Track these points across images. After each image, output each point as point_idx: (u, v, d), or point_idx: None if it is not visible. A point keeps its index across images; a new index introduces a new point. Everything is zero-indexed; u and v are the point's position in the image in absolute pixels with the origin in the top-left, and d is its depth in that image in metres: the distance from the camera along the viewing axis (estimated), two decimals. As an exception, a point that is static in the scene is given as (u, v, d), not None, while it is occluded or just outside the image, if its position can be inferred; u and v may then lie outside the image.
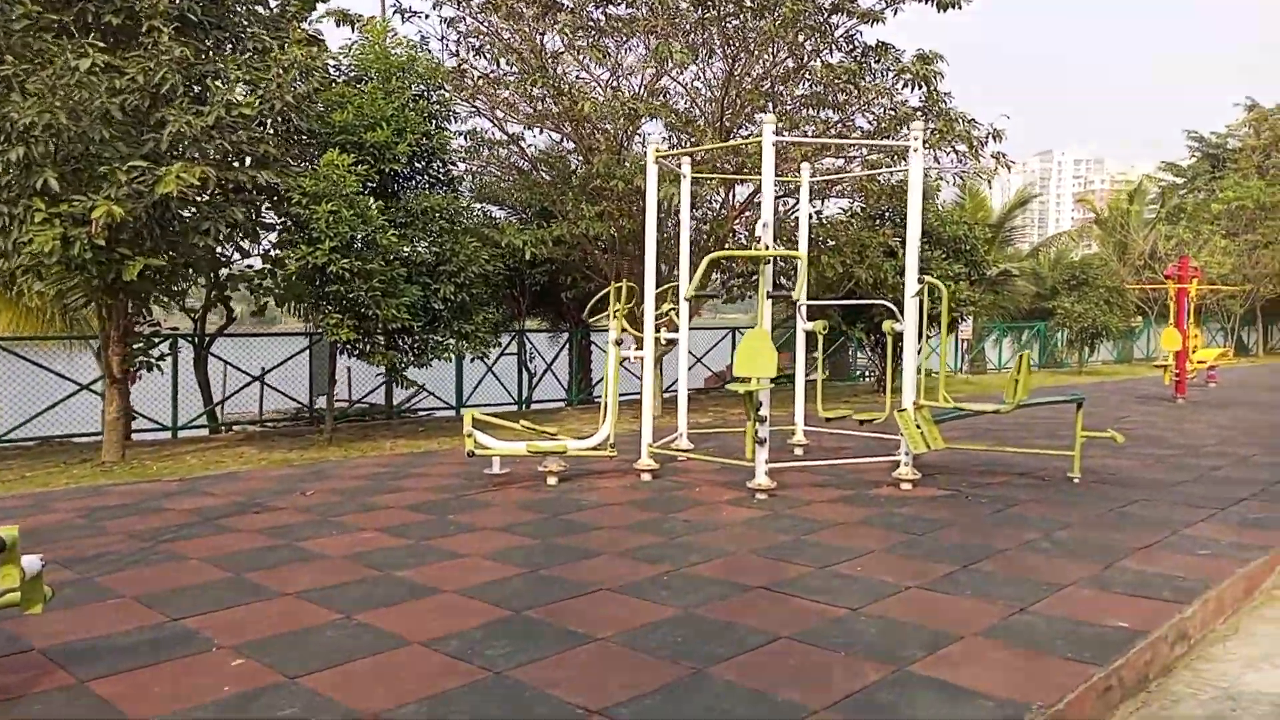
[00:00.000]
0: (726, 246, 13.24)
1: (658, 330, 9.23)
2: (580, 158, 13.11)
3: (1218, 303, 28.86)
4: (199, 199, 8.74)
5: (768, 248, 6.82)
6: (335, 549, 5.38)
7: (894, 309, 8.07)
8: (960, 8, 13.02)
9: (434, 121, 11.38)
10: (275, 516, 6.33)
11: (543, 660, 3.60)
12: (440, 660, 3.60)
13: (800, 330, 9.27)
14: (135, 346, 9.89)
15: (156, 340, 10.95)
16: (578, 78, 11.73)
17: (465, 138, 14.25)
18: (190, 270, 9.36)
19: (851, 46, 13.56)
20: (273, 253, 10.20)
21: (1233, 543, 5.49)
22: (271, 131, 9.29)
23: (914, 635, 3.91)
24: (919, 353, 19.64)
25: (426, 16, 12.07)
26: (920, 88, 12.37)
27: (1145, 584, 4.65)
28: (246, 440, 11.49)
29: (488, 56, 11.91)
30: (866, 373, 21.88)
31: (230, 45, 9.52)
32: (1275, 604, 4.90)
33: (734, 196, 13.92)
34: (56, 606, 4.23)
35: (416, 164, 11.27)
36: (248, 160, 9.27)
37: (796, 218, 14.94)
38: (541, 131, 13.42)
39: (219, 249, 10.22)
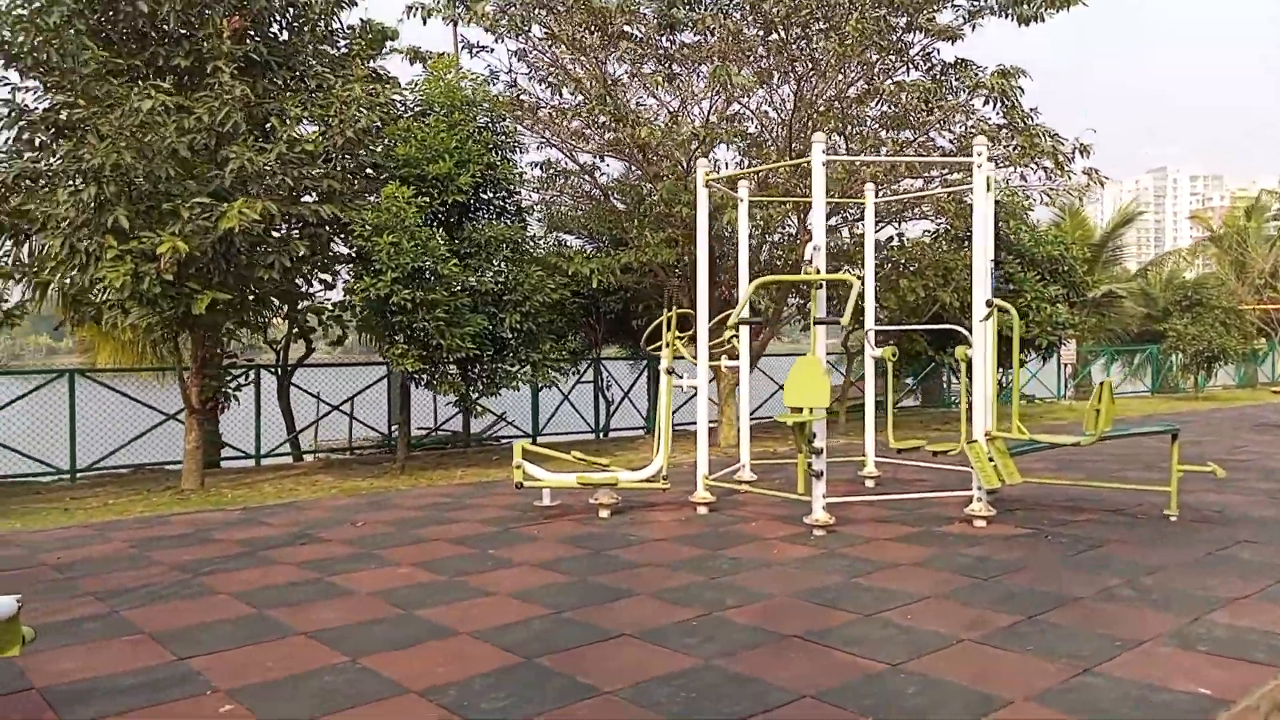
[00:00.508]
0: (805, 271, 12.86)
1: (717, 358, 8.97)
2: (649, 185, 12.99)
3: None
4: (266, 234, 8.94)
5: (819, 272, 6.49)
6: (366, 584, 5.26)
7: (966, 334, 7.59)
8: (1042, 20, 12.47)
9: (499, 153, 11.44)
10: (320, 549, 6.28)
11: (539, 716, 3.35)
12: (432, 713, 3.39)
13: (869, 357, 8.87)
14: (212, 378, 10.16)
15: (235, 372, 11.26)
16: (638, 105, 11.61)
17: (540, 168, 14.38)
18: (259, 304, 9.54)
19: (930, 65, 13.12)
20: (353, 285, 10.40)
21: (1349, 593, 4.85)
22: (336, 167, 9.45)
23: (956, 698, 3.51)
24: (1009, 380, 18.52)
25: (492, 50, 12.19)
26: (999, 103, 11.80)
27: (1237, 642, 4.11)
28: (326, 468, 11.67)
29: (553, 86, 11.91)
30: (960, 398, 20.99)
31: (299, 84, 9.78)
32: (1398, 667, 4.27)
33: (809, 220, 13.52)
34: (73, 642, 4.22)
35: (482, 195, 11.33)
36: (313, 195, 9.47)
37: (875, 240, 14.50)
38: (604, 160, 13.36)
39: (300, 282, 10.50)
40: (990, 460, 6.76)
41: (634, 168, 13.14)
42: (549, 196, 14.70)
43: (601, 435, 15.89)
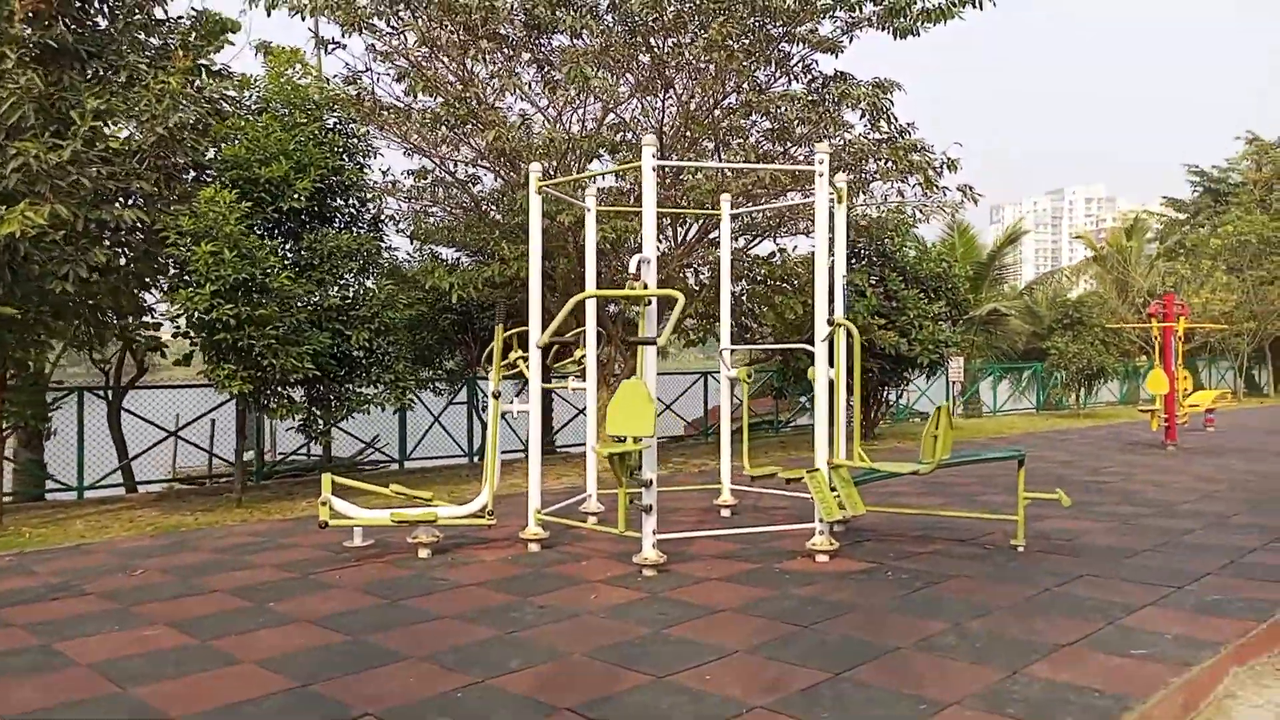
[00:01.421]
0: (630, 286, 12.38)
1: (565, 379, 8.43)
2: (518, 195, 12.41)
3: (1221, 341, 27.77)
4: (68, 241, 8.03)
5: (645, 286, 6.00)
6: (95, 653, 4.50)
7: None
8: (918, 35, 12.37)
9: (351, 157, 10.71)
10: (71, 605, 5.46)
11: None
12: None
13: (724, 378, 8.44)
14: (11, 402, 9.14)
15: (51, 395, 10.23)
16: (501, 108, 10.97)
17: (414, 177, 13.66)
18: (59, 319, 8.59)
19: (811, 77, 12.91)
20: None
21: (1179, 636, 4.54)
22: (151, 167, 8.60)
23: (716, 791, 2.99)
24: (898, 398, 18.13)
25: (345, 47, 11.44)
26: (871, 116, 11.62)
27: (1050, 702, 3.71)
28: (159, 501, 10.66)
29: (410, 85, 11.18)
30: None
31: (114, 76, 8.89)
32: (1222, 722, 3.94)
33: (685, 235, 13.13)
34: None
35: (331, 201, 10.55)
36: (137, 198, 8.61)
37: (753, 255, 14.21)
38: (475, 168, 12.73)
39: (139, 295, 9.60)
40: (833, 490, 6.36)
41: (497, 177, 12.53)
42: (421, 206, 13.99)
43: (477, 459, 15.15)
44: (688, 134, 12.46)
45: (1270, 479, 10.23)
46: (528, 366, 7.58)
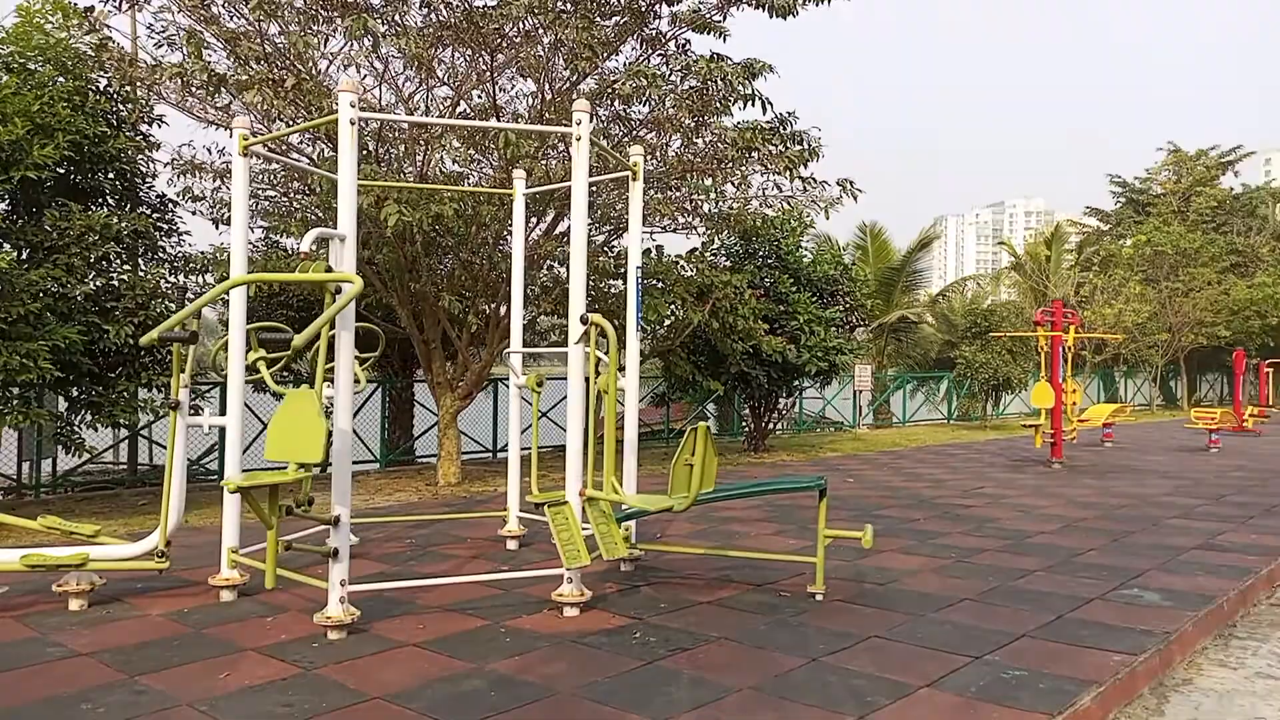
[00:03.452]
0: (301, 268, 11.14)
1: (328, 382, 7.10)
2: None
3: (1135, 353, 27.35)
4: None
5: (329, 269, 4.72)
6: None
7: (601, 357, 5.97)
8: (796, 14, 11.34)
9: (126, 125, 9.29)
10: None
11: None
12: None
13: (513, 385, 7.21)
14: None
15: None
16: (289, 69, 9.51)
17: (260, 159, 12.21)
18: None
19: (690, 59, 11.79)
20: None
21: (939, 743, 3.39)
22: None
23: None
24: (791, 406, 16.79)
25: (148, 3, 9.89)
26: (723, 98, 10.54)
27: None
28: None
29: (190, 47, 9.68)
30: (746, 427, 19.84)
31: None
32: None
33: (540, 225, 11.86)
34: None
35: (93, 175, 9.09)
36: None
37: (618, 251, 13.02)
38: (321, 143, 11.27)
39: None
40: (584, 528, 5.15)
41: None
42: (254, 189, 12.50)
43: (319, 469, 13.69)
44: (547, 118, 11.23)
45: (1145, 503, 9.29)
46: (264, 368, 6.26)
